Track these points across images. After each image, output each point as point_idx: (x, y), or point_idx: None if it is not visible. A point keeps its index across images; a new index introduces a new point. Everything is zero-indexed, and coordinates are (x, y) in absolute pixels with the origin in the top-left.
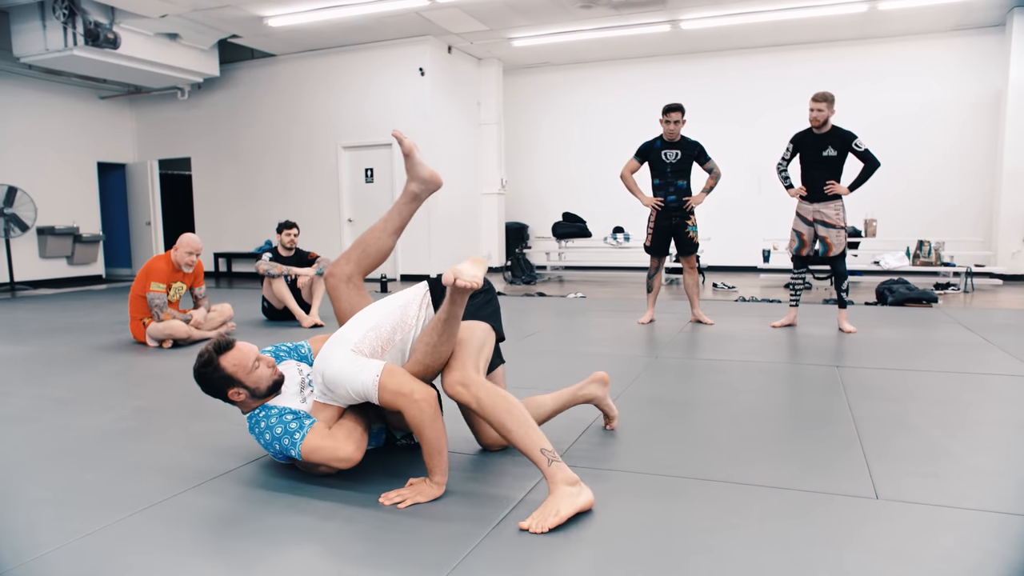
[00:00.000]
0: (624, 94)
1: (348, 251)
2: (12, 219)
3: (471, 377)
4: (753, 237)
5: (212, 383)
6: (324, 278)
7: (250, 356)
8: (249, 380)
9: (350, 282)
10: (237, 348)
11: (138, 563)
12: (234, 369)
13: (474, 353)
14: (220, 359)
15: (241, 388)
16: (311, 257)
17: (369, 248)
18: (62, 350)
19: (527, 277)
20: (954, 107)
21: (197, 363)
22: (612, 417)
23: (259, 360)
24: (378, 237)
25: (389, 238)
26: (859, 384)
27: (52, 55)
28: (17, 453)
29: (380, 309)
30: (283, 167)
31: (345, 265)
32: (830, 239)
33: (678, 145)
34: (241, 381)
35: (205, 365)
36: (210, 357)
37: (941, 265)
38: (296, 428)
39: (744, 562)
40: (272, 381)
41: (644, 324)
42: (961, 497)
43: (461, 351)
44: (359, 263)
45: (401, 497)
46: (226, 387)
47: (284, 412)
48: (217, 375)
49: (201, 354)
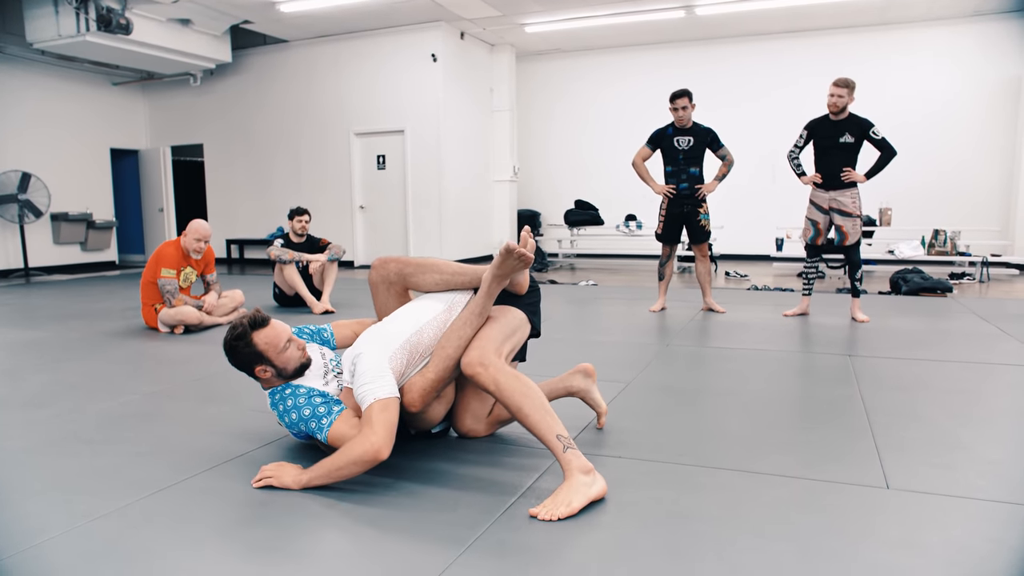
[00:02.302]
0: (637, 81)
1: (408, 260)
2: (26, 205)
3: (491, 359)
4: (766, 225)
5: (242, 357)
6: (371, 269)
7: (283, 336)
8: (279, 360)
9: (391, 288)
10: (272, 326)
11: (149, 545)
12: (265, 347)
13: (499, 336)
14: (254, 335)
15: (269, 366)
16: (323, 243)
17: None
18: (75, 335)
19: (539, 264)
20: (972, 94)
21: (230, 335)
22: (600, 414)
23: (291, 341)
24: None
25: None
26: (871, 374)
27: (65, 41)
28: (30, 437)
29: (427, 312)
30: (295, 153)
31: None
32: (846, 228)
33: (690, 132)
34: (271, 359)
35: (238, 339)
36: (244, 331)
37: (956, 254)
38: (324, 413)
39: (754, 551)
40: (300, 363)
41: (655, 312)
42: (973, 487)
43: (488, 331)
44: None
45: (261, 473)
46: (254, 363)
47: (312, 393)
48: (248, 350)
49: (235, 326)
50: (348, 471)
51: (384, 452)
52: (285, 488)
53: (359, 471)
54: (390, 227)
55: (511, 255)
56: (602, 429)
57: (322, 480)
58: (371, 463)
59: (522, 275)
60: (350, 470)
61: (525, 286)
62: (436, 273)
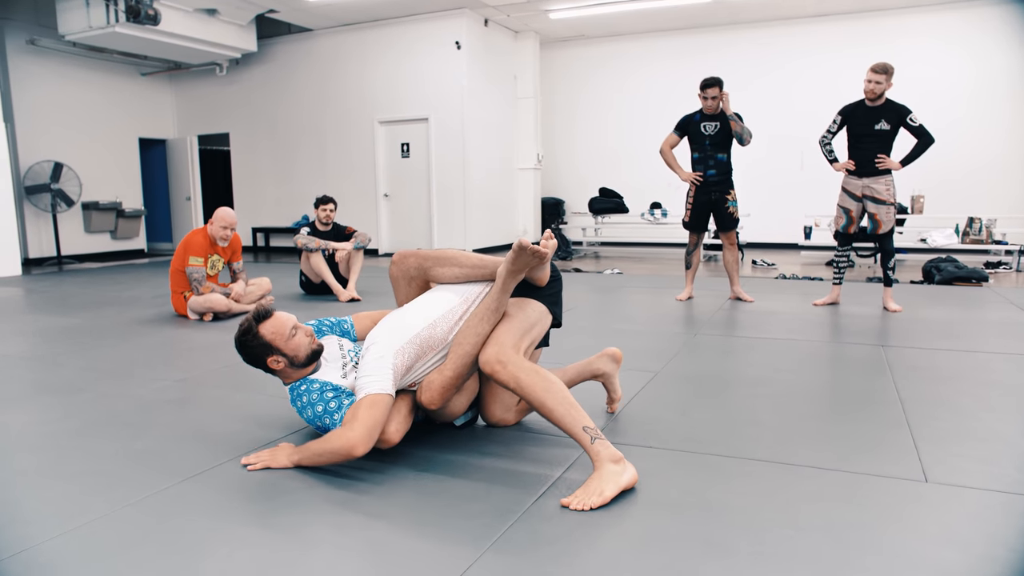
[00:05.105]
0: (663, 67)
1: (427, 254)
2: (59, 194)
3: (509, 355)
4: (795, 213)
5: (252, 351)
6: (391, 264)
7: (287, 324)
8: (287, 348)
9: (412, 283)
10: (275, 316)
11: (185, 529)
12: (272, 336)
13: (518, 331)
14: (259, 327)
15: (280, 356)
16: (348, 231)
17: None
18: (107, 322)
19: (563, 253)
20: (1008, 78)
21: (237, 332)
22: (615, 399)
23: (296, 328)
24: (454, 274)
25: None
26: (905, 364)
27: (95, 32)
28: (66, 422)
29: (441, 305)
30: (320, 142)
31: (413, 263)
32: (879, 216)
33: (718, 117)
34: (279, 348)
35: (245, 333)
36: (249, 326)
37: (992, 243)
38: (336, 408)
39: (787, 543)
40: (311, 350)
41: (682, 301)
42: (1014, 482)
43: (505, 326)
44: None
45: (257, 457)
46: (265, 355)
47: (325, 388)
48: (256, 342)
49: (241, 324)
50: (327, 459)
51: (359, 450)
52: (281, 467)
53: (336, 461)
54: (414, 215)
55: (524, 252)
56: (613, 413)
57: (307, 462)
58: (346, 457)
59: (541, 270)
60: (328, 458)
61: (545, 279)
62: (456, 267)
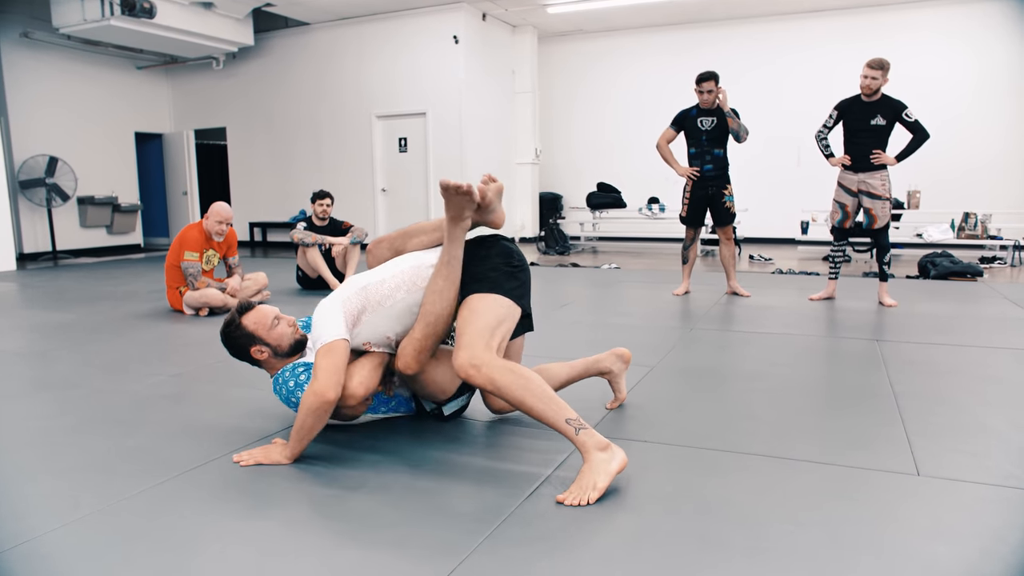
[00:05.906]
0: (661, 62)
1: (396, 234)
2: (54, 189)
3: (481, 357)
4: (791, 208)
5: (236, 342)
6: (366, 254)
7: (269, 314)
8: (270, 337)
9: None
10: (257, 308)
11: (179, 525)
12: (255, 327)
13: (486, 331)
14: (242, 319)
15: (263, 346)
16: (345, 226)
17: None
18: (103, 318)
19: (561, 247)
20: (1002, 73)
21: (222, 326)
22: (619, 398)
23: (279, 318)
24: (421, 242)
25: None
26: (900, 359)
27: (90, 25)
28: (61, 418)
29: (393, 266)
30: (317, 136)
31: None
32: (875, 211)
33: (714, 112)
34: (262, 338)
35: (228, 325)
36: (232, 318)
37: (987, 238)
38: (306, 380)
39: (783, 537)
40: (294, 340)
41: (679, 296)
42: (1006, 475)
43: (472, 327)
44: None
45: (249, 455)
46: (248, 344)
47: (297, 366)
48: (239, 333)
49: (225, 319)
50: (309, 424)
51: (330, 394)
52: (275, 463)
53: (318, 421)
54: (412, 210)
55: (447, 191)
56: (610, 410)
57: (298, 445)
58: (323, 408)
59: (490, 212)
60: (310, 423)
61: (499, 222)
62: (422, 234)
